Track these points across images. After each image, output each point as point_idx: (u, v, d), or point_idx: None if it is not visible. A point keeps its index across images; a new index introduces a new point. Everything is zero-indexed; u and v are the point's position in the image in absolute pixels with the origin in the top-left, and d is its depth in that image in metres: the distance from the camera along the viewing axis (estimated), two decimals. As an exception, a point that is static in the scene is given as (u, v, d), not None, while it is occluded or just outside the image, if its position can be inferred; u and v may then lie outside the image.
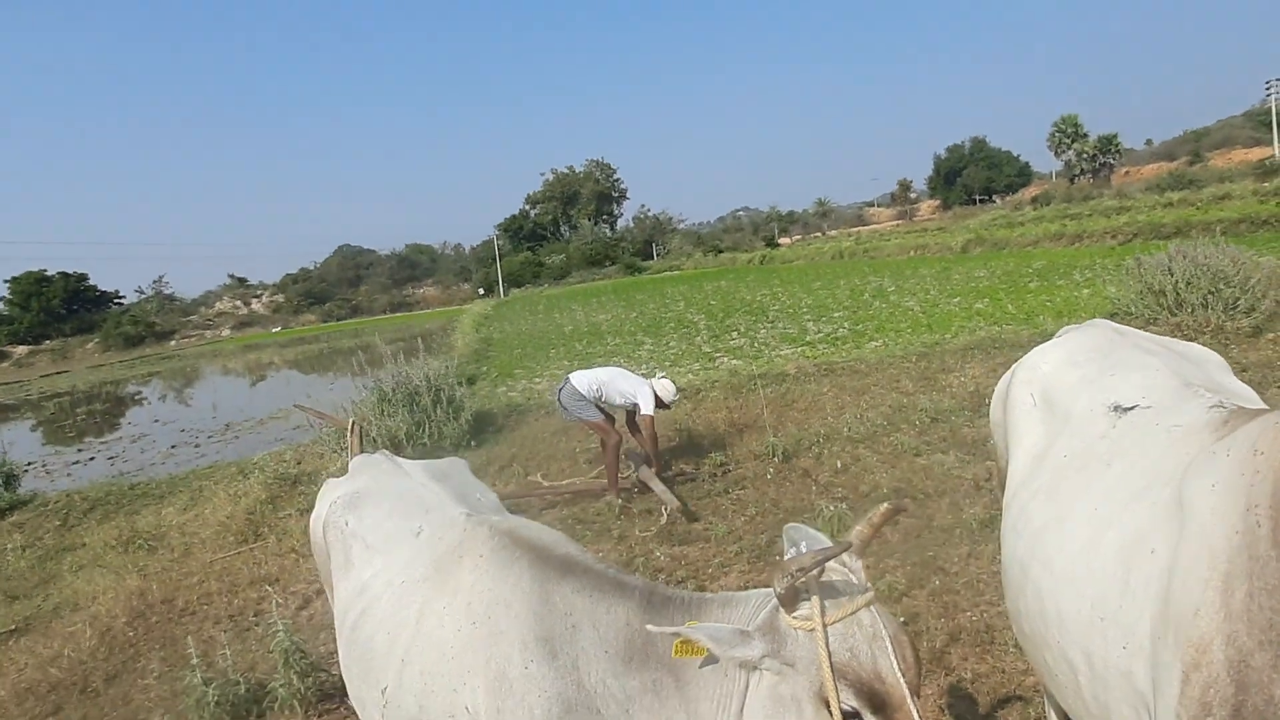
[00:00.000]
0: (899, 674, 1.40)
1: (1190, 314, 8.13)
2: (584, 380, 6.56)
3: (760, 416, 7.91)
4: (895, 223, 74.64)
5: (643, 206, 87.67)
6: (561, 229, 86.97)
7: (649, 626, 1.59)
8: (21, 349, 63.73)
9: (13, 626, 5.54)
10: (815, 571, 1.45)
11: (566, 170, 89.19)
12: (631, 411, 6.74)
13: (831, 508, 5.17)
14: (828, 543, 1.61)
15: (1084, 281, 14.65)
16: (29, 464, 13.35)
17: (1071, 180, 61.44)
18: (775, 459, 6.71)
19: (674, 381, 6.88)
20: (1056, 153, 65.56)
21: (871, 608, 1.48)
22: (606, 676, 1.65)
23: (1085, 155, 62.12)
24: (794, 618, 1.46)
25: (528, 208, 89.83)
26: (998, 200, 68.38)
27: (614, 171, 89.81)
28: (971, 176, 76.15)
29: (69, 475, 12.49)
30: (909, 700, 1.39)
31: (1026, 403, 2.33)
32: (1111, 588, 1.57)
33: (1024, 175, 77.58)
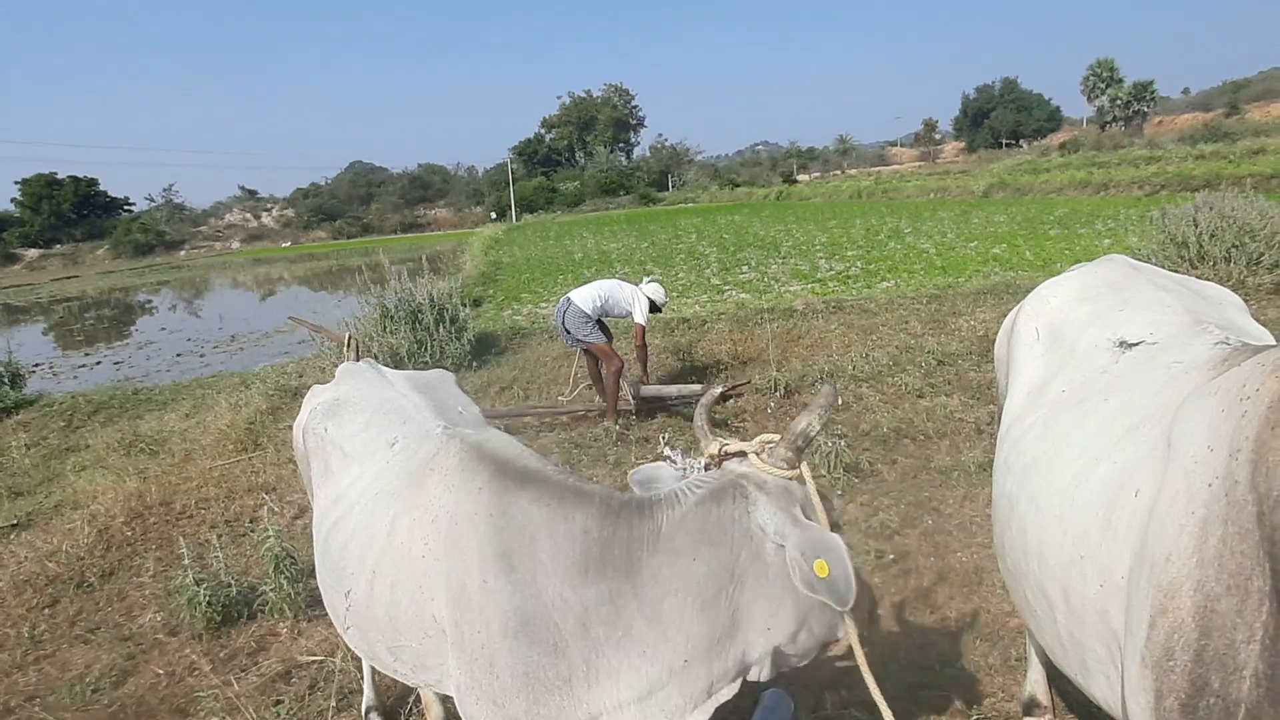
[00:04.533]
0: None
1: (1212, 267, 7.91)
2: (586, 297, 6.49)
3: (765, 350, 7.83)
4: (917, 164, 72.92)
5: (660, 136, 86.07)
6: (577, 155, 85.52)
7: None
8: (32, 252, 63.80)
9: (14, 521, 5.61)
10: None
11: (584, 94, 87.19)
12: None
13: (830, 444, 5.11)
14: (674, 474, 1.87)
15: (1106, 231, 14.34)
16: (36, 365, 13.46)
17: (1103, 128, 59.76)
18: (777, 393, 6.66)
19: (664, 289, 6.93)
20: (1090, 98, 63.66)
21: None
22: (564, 589, 1.62)
23: (1119, 102, 60.31)
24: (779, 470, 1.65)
25: (543, 131, 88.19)
26: (1025, 145, 66.51)
27: (632, 98, 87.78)
28: (1000, 119, 73.91)
29: (75, 378, 12.57)
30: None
31: (1030, 336, 2.24)
32: (1094, 525, 1.54)
33: (1054, 120, 75.23)
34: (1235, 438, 1.27)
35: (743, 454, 1.70)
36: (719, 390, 2.31)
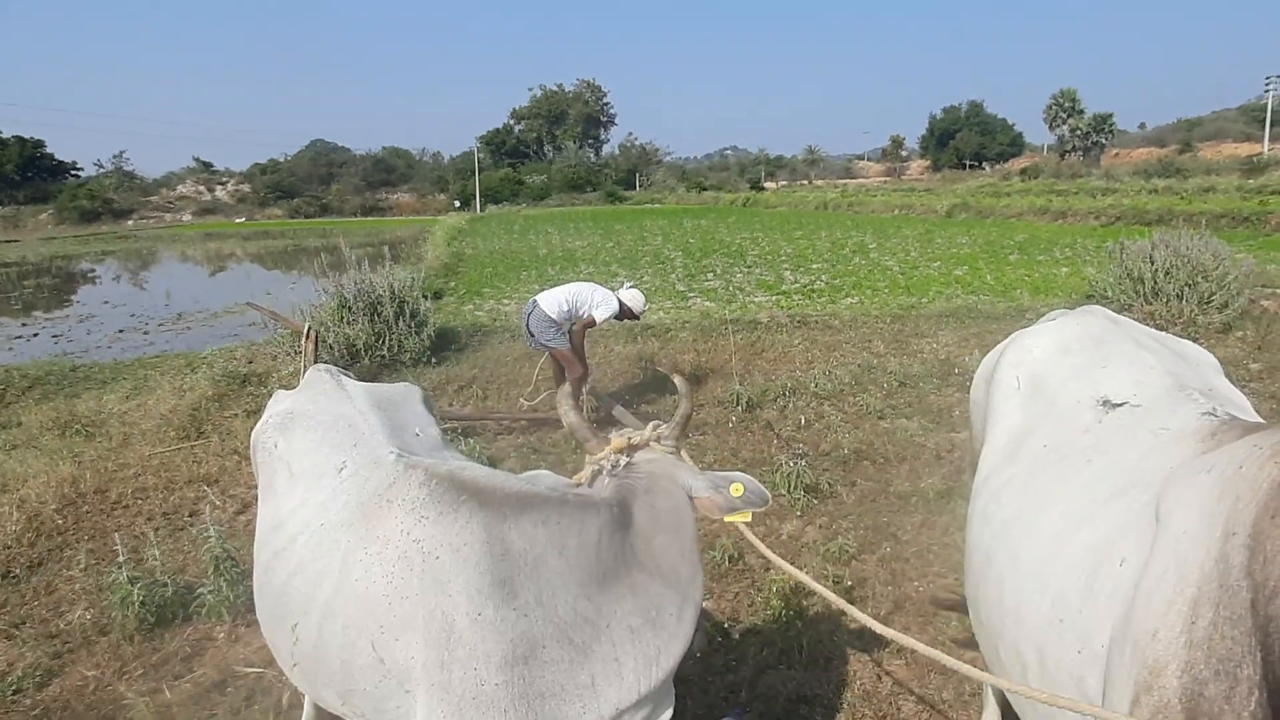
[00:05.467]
0: None
1: (1165, 304, 8.13)
2: (553, 301, 6.33)
3: (728, 362, 7.82)
4: (883, 179, 74.25)
5: (630, 135, 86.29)
6: (545, 148, 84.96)
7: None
8: (-30, 213, 61.05)
9: (-66, 503, 5.30)
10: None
11: (556, 88, 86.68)
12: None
13: (790, 463, 5.09)
14: (552, 476, 2.09)
15: (1064, 259, 14.69)
16: (-34, 334, 12.83)
17: (1062, 156, 61.57)
18: (739, 407, 6.63)
19: (644, 297, 6.76)
20: (1051, 125, 65.46)
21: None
22: (579, 601, 1.68)
23: (1079, 132, 62.13)
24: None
25: (512, 122, 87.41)
26: (988, 168, 68.23)
27: (604, 95, 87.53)
28: (965, 140, 75.66)
29: (10, 350, 12.00)
30: None
31: (1011, 385, 2.24)
32: (1074, 589, 1.53)
33: (1016, 145, 77.37)
34: (1231, 520, 1.26)
35: (644, 443, 2.09)
36: (569, 387, 2.54)
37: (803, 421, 6.29)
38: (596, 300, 6.44)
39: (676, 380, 2.43)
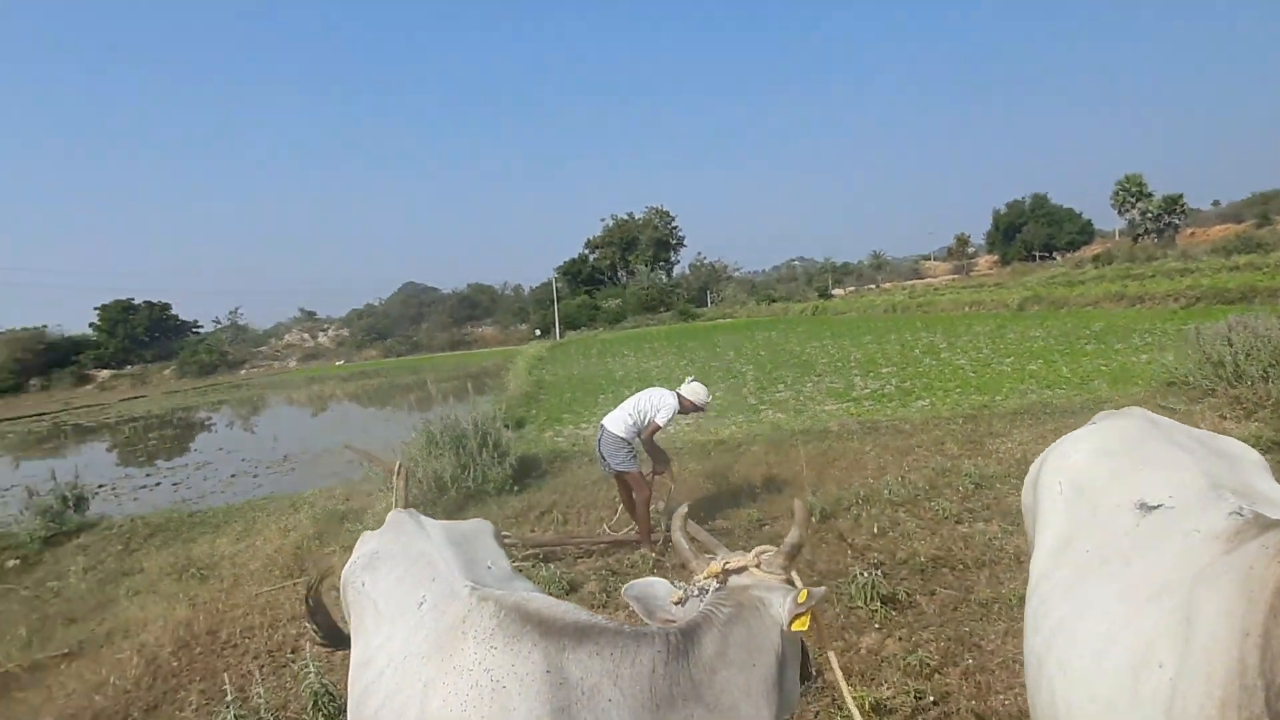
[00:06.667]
0: None
1: (1250, 386, 7.82)
2: (618, 420, 6.56)
3: (800, 473, 7.86)
4: (951, 277, 73.25)
5: (699, 254, 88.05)
6: (619, 274, 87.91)
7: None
8: (105, 373, 66.93)
9: (66, 650, 5.77)
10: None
11: (626, 216, 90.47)
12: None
13: (865, 574, 5.08)
14: (668, 586, 2.16)
15: (1142, 346, 14.20)
16: (100, 486, 13.97)
17: (1135, 240, 59.74)
18: (813, 518, 6.64)
19: (706, 389, 6.83)
20: (1120, 211, 63.99)
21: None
22: None
23: (1150, 215, 60.43)
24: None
25: (587, 252, 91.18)
26: (1058, 258, 66.66)
27: (672, 219, 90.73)
28: (1032, 233, 74.30)
29: (135, 499, 13.02)
30: None
31: (1054, 490, 2.32)
32: (1121, 696, 1.57)
33: (1086, 233, 75.28)
34: (1245, 620, 1.32)
35: (743, 568, 2.06)
36: (684, 510, 2.58)
37: (877, 529, 6.26)
38: (656, 405, 6.56)
39: (796, 505, 2.29)
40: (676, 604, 2.07)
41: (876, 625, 4.68)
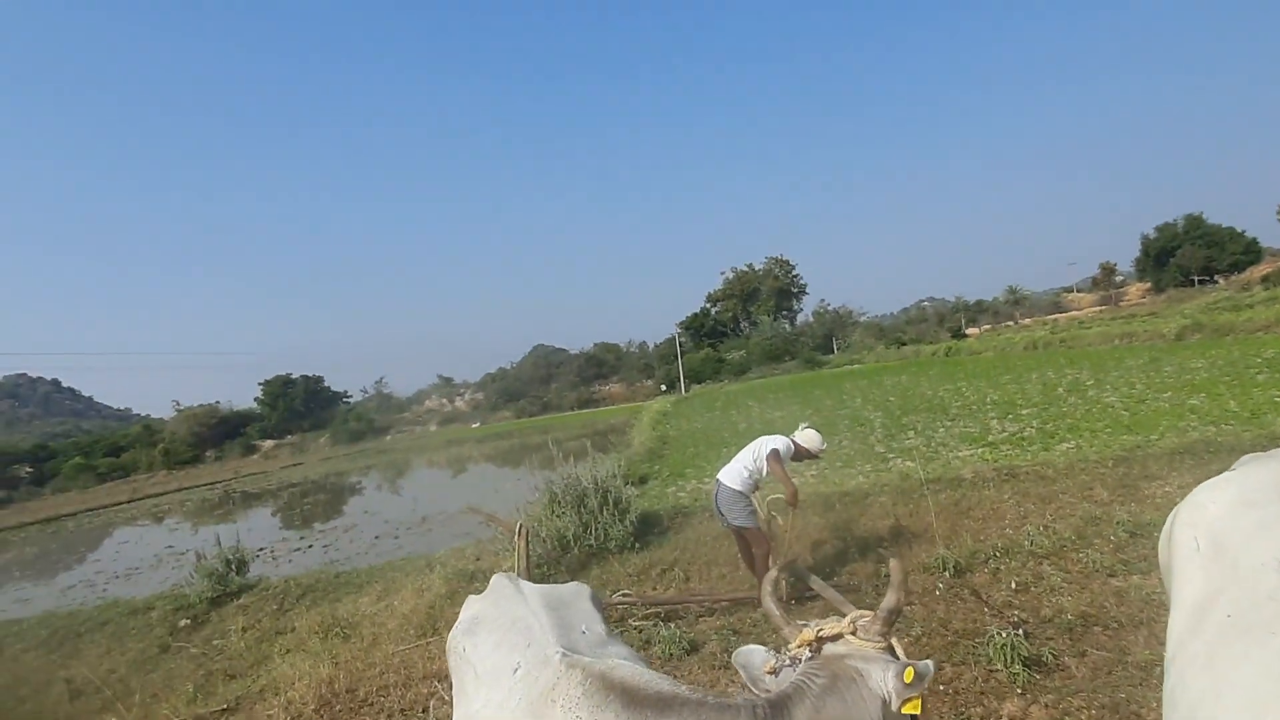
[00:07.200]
0: None
1: None
2: (734, 474, 6.44)
3: (931, 525, 7.46)
4: (1098, 309, 68.39)
5: (822, 301, 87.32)
6: (741, 325, 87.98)
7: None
8: (268, 443, 73.23)
9: (225, 706, 6.24)
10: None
11: (746, 268, 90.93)
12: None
13: (1005, 634, 4.72)
14: (764, 653, 2.09)
15: (1326, 373, 12.67)
16: (260, 549, 15.16)
17: (1314, 254, 53.72)
18: (946, 573, 6.26)
19: (820, 435, 6.62)
20: (1294, 224, 57.83)
21: None
22: None
23: (1331, 225, 54.26)
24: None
25: (708, 305, 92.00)
26: (1220, 281, 60.78)
27: (793, 267, 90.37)
28: (1187, 256, 68.21)
29: (290, 561, 14.02)
30: None
31: (1189, 546, 2.07)
32: None
33: (1251, 252, 68.13)
34: None
35: (838, 635, 1.97)
36: (774, 573, 2.53)
37: (1016, 584, 5.81)
38: (769, 445, 6.40)
39: (893, 566, 2.21)
40: (770, 673, 2.01)
41: (1019, 690, 4.32)
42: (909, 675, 1.83)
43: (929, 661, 1.89)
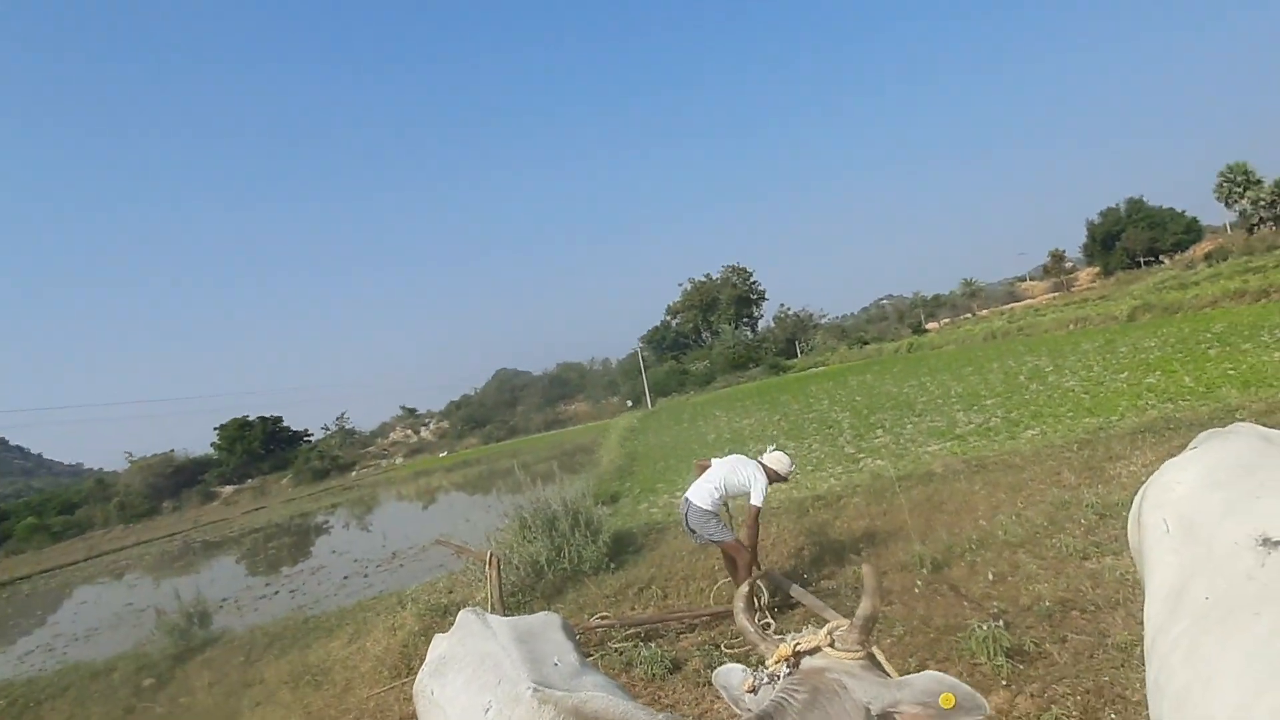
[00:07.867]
0: None
1: None
2: (703, 494, 6.36)
3: (905, 522, 7.46)
4: (1051, 295, 70.09)
5: (782, 305, 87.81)
6: (703, 335, 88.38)
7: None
8: (228, 489, 71.28)
9: (194, 767, 5.96)
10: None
11: (704, 278, 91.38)
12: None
13: (985, 626, 4.69)
14: (742, 673, 1.98)
15: (1273, 343, 13.05)
16: (223, 600, 14.64)
17: (1250, 230, 55.77)
18: (923, 570, 6.23)
19: (789, 457, 6.60)
20: (1228, 204, 60.02)
21: None
22: None
23: (1262, 203, 56.43)
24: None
25: (669, 318, 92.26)
26: (1166, 261, 62.81)
27: (750, 275, 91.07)
28: (1132, 239, 70.26)
29: (255, 610, 13.54)
30: None
31: (1159, 529, 2.03)
32: None
33: (1193, 231, 70.56)
34: None
35: (816, 648, 1.87)
36: (745, 590, 2.34)
37: (993, 576, 5.81)
38: (744, 480, 6.32)
39: (865, 572, 2.12)
40: (750, 691, 1.92)
41: (1004, 682, 4.29)
42: (947, 700, 1.72)
43: (979, 697, 1.74)
